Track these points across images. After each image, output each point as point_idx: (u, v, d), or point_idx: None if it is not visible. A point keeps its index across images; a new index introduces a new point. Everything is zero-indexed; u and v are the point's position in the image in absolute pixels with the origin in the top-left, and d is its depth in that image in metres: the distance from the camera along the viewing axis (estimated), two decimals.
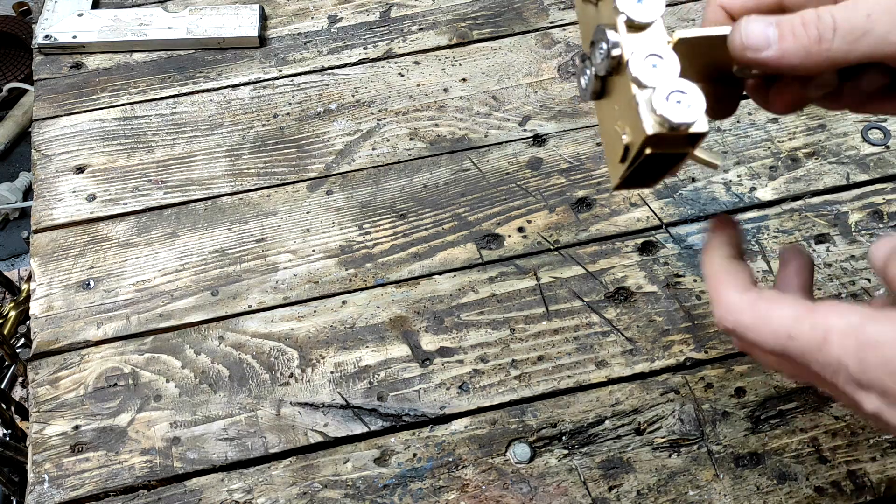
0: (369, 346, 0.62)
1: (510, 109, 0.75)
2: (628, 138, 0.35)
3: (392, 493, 0.56)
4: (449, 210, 0.69)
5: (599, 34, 0.36)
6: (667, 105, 0.33)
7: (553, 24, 0.82)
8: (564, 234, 0.67)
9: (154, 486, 0.57)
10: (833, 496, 0.55)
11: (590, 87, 0.38)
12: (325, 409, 0.59)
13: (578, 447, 0.57)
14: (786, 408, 0.58)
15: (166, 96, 0.77)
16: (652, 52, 0.35)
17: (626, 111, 0.35)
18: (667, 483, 0.56)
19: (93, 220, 0.70)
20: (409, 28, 0.82)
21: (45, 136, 0.75)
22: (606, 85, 0.38)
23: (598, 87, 0.38)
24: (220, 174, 0.72)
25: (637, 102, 0.34)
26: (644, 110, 0.34)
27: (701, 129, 0.34)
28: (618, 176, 0.37)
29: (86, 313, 0.64)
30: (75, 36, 0.80)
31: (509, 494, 0.55)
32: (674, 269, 0.65)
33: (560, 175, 0.71)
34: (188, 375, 0.61)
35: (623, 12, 0.35)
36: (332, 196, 0.70)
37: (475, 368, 0.61)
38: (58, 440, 0.58)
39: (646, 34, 0.35)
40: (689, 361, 0.60)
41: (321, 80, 0.78)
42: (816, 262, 0.65)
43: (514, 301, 0.64)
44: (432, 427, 0.58)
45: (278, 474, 0.57)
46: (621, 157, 0.36)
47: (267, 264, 0.66)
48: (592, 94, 0.38)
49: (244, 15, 0.81)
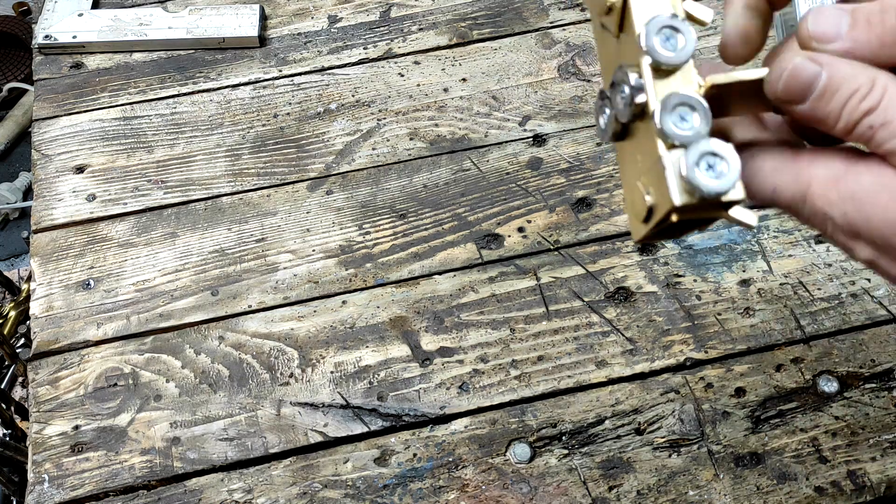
0: (369, 346, 0.62)
1: (510, 109, 0.75)
2: (652, 200, 0.31)
3: (392, 493, 0.56)
4: (449, 210, 0.69)
5: (621, 75, 0.32)
6: (697, 172, 0.29)
7: (553, 24, 0.82)
8: (564, 234, 0.67)
9: (154, 486, 0.57)
10: (833, 496, 0.55)
11: (609, 128, 0.34)
12: (325, 409, 0.59)
13: (578, 447, 0.57)
14: (786, 408, 0.58)
15: (166, 96, 0.77)
16: (681, 102, 0.30)
17: (651, 169, 0.31)
18: (667, 483, 0.56)
19: (93, 220, 0.70)
20: (409, 28, 0.82)
21: (45, 136, 0.75)
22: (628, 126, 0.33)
23: (619, 128, 0.33)
24: (220, 174, 0.72)
25: (664, 166, 0.30)
26: (671, 176, 0.30)
27: (736, 197, 0.30)
28: (640, 234, 0.33)
29: (86, 313, 0.64)
30: (75, 36, 0.80)
31: (509, 494, 0.55)
32: (674, 269, 0.65)
33: (560, 175, 0.71)
34: (188, 375, 0.61)
35: (648, 53, 0.31)
36: (332, 196, 0.70)
37: (475, 368, 0.61)
38: (58, 440, 0.58)
39: (674, 78, 0.31)
40: (689, 361, 0.60)
41: (321, 80, 0.78)
42: (816, 261, 0.65)
43: (514, 301, 0.64)
44: (432, 427, 0.58)
45: (278, 474, 0.57)
46: (644, 216, 0.32)
47: (267, 264, 0.66)
48: (612, 137, 0.34)
49: (244, 15, 0.81)
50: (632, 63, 0.32)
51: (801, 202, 0.32)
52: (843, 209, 0.30)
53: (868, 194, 0.30)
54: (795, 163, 0.32)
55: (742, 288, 0.64)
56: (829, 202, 0.31)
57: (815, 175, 0.31)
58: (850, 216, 0.30)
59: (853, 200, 0.30)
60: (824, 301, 0.63)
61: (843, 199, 0.30)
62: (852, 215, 0.30)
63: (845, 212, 0.30)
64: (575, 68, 0.78)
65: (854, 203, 0.30)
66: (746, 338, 0.61)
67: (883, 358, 0.60)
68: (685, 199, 0.30)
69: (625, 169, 0.34)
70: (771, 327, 0.62)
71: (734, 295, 0.63)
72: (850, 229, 0.31)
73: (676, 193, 0.30)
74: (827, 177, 0.31)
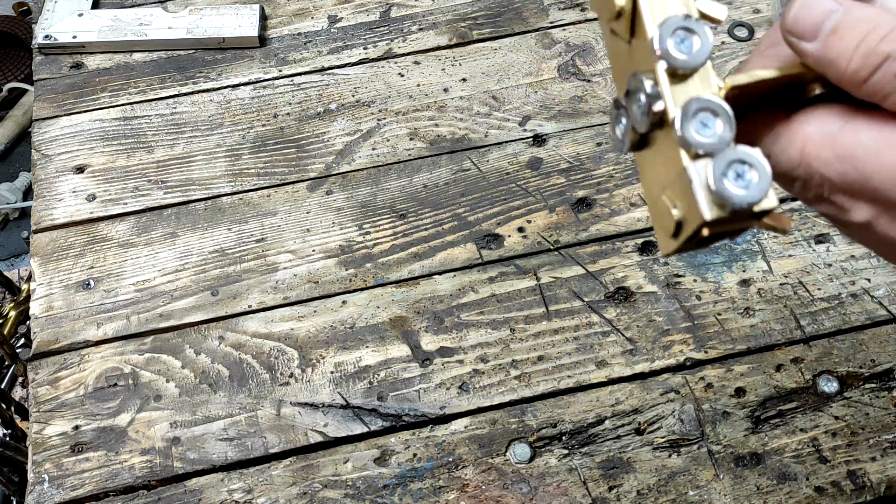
0: (369, 346, 0.62)
1: (510, 109, 0.75)
2: (680, 214, 0.29)
3: (392, 493, 0.56)
4: (449, 210, 0.69)
5: (636, 83, 0.30)
6: (727, 183, 0.27)
7: (553, 24, 0.82)
8: (564, 234, 0.67)
9: (154, 486, 0.57)
10: (833, 496, 0.55)
11: (627, 139, 0.32)
12: (325, 409, 0.59)
13: (578, 447, 0.57)
14: (786, 408, 0.58)
15: (166, 96, 0.77)
16: (702, 107, 0.28)
17: (676, 181, 0.29)
18: (667, 483, 0.56)
19: (93, 220, 0.70)
20: (409, 28, 0.82)
21: (45, 136, 0.75)
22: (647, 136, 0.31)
23: (637, 138, 0.31)
24: (220, 174, 0.72)
25: (690, 178, 0.28)
26: (699, 189, 0.28)
27: (769, 206, 0.28)
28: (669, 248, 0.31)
29: (86, 313, 0.64)
30: (75, 36, 0.80)
31: (509, 494, 0.55)
32: (674, 269, 0.65)
33: (560, 175, 0.71)
34: (188, 375, 0.61)
35: (662, 57, 0.29)
36: (332, 196, 0.70)
37: (475, 368, 0.61)
38: (58, 440, 0.58)
39: (692, 82, 0.29)
40: (689, 361, 0.60)
41: (321, 80, 0.78)
42: (816, 261, 0.65)
43: (514, 301, 0.64)
44: (432, 427, 0.58)
45: (278, 474, 0.57)
46: (673, 231, 0.30)
47: (267, 264, 0.66)
48: (631, 147, 0.32)
49: (244, 15, 0.81)
50: (646, 69, 0.30)
51: (796, 165, 0.29)
52: (841, 169, 0.28)
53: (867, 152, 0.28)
54: (788, 126, 0.30)
55: (742, 288, 0.64)
56: (825, 162, 0.29)
57: (809, 135, 0.29)
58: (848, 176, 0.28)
59: (852, 159, 0.28)
60: (824, 301, 0.63)
61: (841, 158, 0.28)
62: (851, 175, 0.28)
63: (843, 171, 0.28)
64: (575, 68, 0.78)
65: (853, 162, 0.28)
66: (746, 338, 0.61)
67: (883, 358, 0.60)
68: (716, 213, 0.28)
69: (647, 180, 0.32)
70: (771, 327, 0.62)
71: (734, 295, 0.63)
72: (849, 189, 0.29)
73: (706, 208, 0.28)
74: (822, 135, 0.29)
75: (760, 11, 0.81)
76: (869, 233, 0.30)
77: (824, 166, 0.29)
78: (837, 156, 0.28)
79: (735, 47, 0.78)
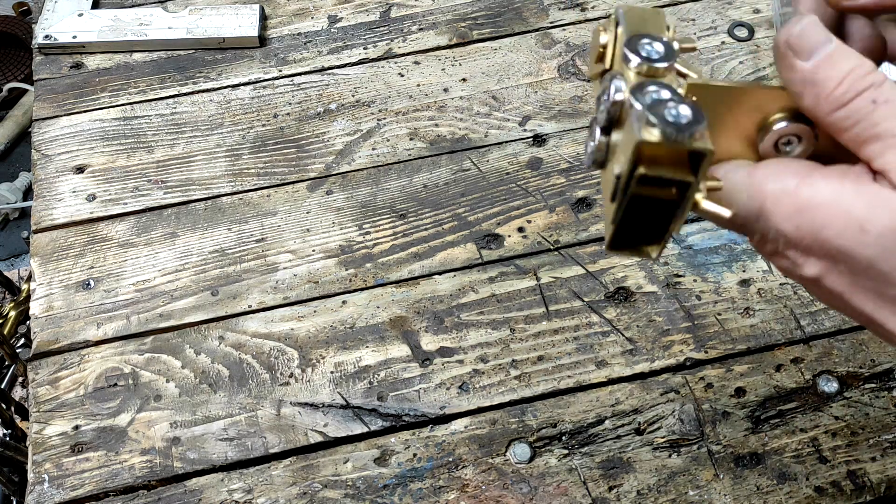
0: (369, 346, 0.62)
1: (510, 109, 0.75)
2: (619, 168, 0.30)
3: (392, 493, 0.56)
4: (449, 210, 0.69)
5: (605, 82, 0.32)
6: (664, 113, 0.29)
7: (553, 24, 0.82)
8: (564, 234, 0.67)
9: (154, 486, 0.57)
10: (833, 496, 0.55)
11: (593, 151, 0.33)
12: (325, 409, 0.59)
13: (578, 447, 0.57)
14: (786, 408, 0.58)
15: (166, 96, 0.77)
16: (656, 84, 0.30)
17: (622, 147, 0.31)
18: (667, 483, 0.56)
19: (93, 220, 0.70)
20: (409, 28, 0.82)
21: (45, 136, 0.75)
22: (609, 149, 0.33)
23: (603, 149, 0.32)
24: (220, 174, 0.72)
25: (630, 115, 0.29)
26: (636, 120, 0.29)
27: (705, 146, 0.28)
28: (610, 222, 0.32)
29: (86, 313, 0.64)
30: (75, 36, 0.80)
31: (509, 494, 0.55)
32: (674, 269, 0.65)
33: (560, 175, 0.71)
34: (188, 375, 0.61)
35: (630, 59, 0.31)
36: (332, 196, 0.70)
37: (475, 368, 0.61)
38: (58, 440, 0.58)
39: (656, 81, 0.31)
40: (689, 361, 0.60)
41: (321, 80, 0.78)
42: None
43: (514, 301, 0.64)
44: (432, 427, 0.58)
45: (278, 474, 0.57)
46: (612, 193, 0.31)
47: (267, 264, 0.66)
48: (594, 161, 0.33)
49: (244, 15, 0.81)
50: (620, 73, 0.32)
51: (755, 220, 0.31)
52: (797, 221, 0.30)
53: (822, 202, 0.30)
54: (751, 178, 0.32)
55: (742, 288, 0.64)
56: (784, 217, 0.31)
57: (768, 191, 0.31)
58: (803, 229, 0.30)
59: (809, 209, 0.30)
60: None
61: (799, 211, 0.30)
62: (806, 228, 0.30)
63: (798, 224, 0.30)
64: (575, 68, 0.78)
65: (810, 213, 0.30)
66: (746, 338, 0.61)
67: (883, 358, 0.60)
68: (650, 136, 0.28)
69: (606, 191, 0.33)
70: (771, 327, 0.62)
71: (734, 295, 0.63)
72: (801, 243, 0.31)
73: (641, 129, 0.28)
74: (780, 191, 0.31)
75: (760, 11, 0.81)
76: (819, 288, 0.32)
77: (782, 221, 0.31)
78: (796, 209, 0.30)
79: (735, 47, 0.78)
